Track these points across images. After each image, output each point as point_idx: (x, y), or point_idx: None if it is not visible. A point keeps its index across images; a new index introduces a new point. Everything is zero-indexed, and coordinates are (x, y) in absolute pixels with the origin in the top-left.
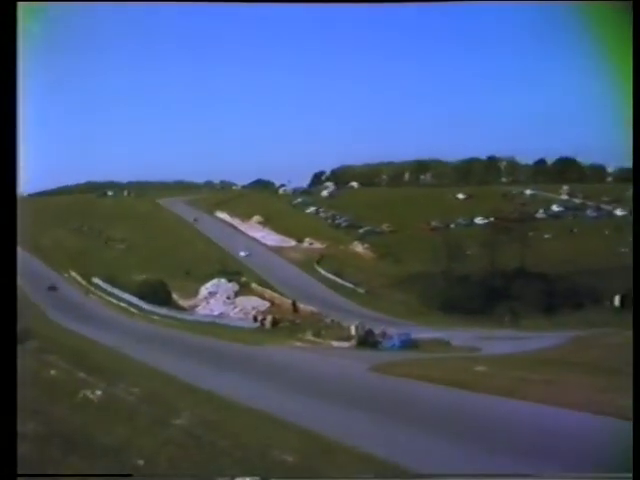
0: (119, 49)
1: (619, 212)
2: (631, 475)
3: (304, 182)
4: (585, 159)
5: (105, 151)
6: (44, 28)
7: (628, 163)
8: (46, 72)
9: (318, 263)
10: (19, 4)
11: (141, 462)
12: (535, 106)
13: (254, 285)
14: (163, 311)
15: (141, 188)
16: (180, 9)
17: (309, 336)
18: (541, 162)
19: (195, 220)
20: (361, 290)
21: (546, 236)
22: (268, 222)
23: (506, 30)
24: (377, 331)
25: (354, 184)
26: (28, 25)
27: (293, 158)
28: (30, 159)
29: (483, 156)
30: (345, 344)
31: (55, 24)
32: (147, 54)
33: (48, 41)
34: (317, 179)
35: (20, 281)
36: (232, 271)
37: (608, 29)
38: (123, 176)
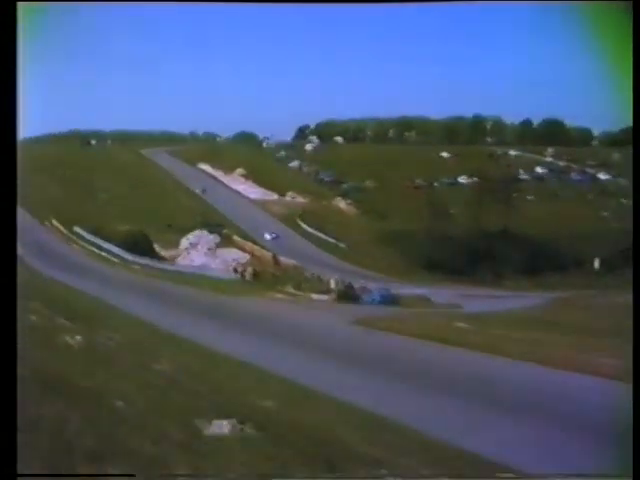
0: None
1: (603, 176)
2: (631, 475)
3: (288, 136)
4: (571, 122)
5: (90, 99)
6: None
7: (614, 127)
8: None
9: (300, 217)
10: (19, 4)
11: (120, 404)
12: (523, 68)
13: (235, 237)
14: (144, 261)
15: (125, 137)
16: None
17: (289, 288)
18: (527, 123)
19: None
20: (343, 245)
21: (529, 198)
22: (251, 175)
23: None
24: (357, 286)
25: (338, 139)
26: (28, 25)
27: (278, 111)
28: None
29: (469, 115)
30: (325, 297)
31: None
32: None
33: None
34: (301, 133)
35: None
36: (214, 223)
37: (608, 29)
38: (107, 125)
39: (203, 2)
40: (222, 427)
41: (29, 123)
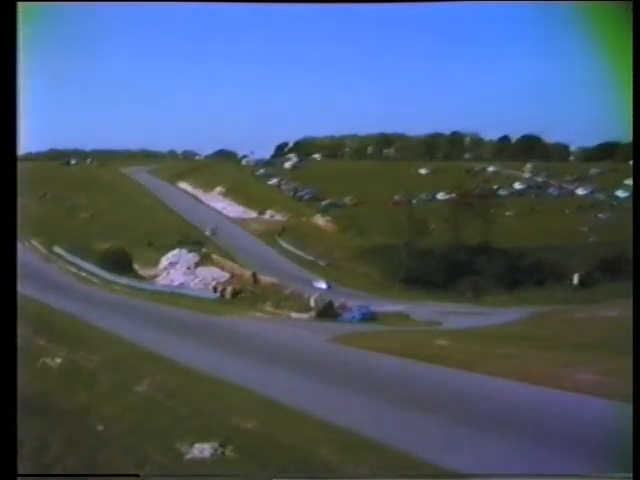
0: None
1: (581, 191)
2: (631, 475)
3: (267, 153)
4: (549, 137)
5: (69, 119)
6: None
7: (591, 142)
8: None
9: (279, 235)
10: (19, 4)
11: (101, 427)
12: (501, 83)
13: (215, 256)
14: (124, 280)
15: (105, 156)
16: None
17: (269, 307)
18: (505, 139)
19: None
20: (322, 263)
21: (508, 213)
22: (230, 193)
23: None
24: (337, 303)
25: (317, 156)
26: (28, 25)
27: (256, 129)
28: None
29: (447, 131)
30: (304, 315)
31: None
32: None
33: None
34: (280, 150)
35: None
36: (193, 241)
37: (608, 29)
38: (87, 144)
39: (181, 6)
40: (203, 451)
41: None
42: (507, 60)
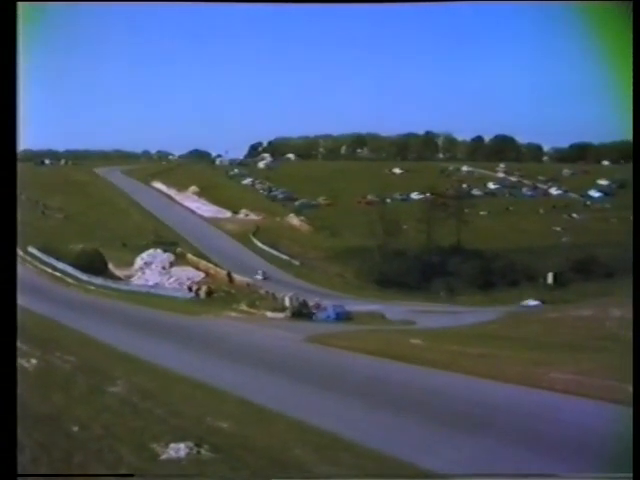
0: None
1: (554, 191)
2: (631, 475)
3: (241, 153)
4: (522, 138)
5: (42, 119)
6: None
7: (564, 143)
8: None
9: (254, 235)
10: (19, 4)
11: (76, 429)
12: (473, 83)
13: (189, 256)
14: (99, 281)
15: (78, 157)
16: None
17: (244, 307)
18: (478, 139)
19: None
20: (296, 262)
21: (482, 213)
22: (204, 193)
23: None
24: (311, 303)
25: (291, 156)
26: (28, 25)
27: (230, 129)
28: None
29: (421, 131)
30: (279, 315)
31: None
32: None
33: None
34: (254, 150)
35: None
36: (168, 241)
37: (608, 29)
38: (60, 144)
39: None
40: (179, 451)
41: None
42: (483, 60)
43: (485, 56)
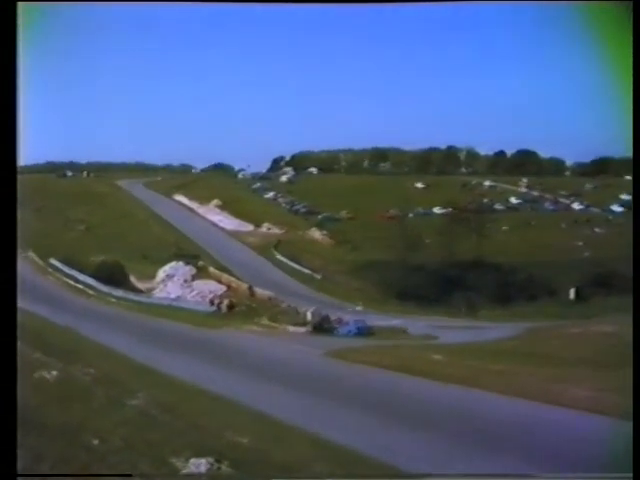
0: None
1: (576, 206)
2: (631, 475)
3: (263, 167)
4: (544, 152)
5: (64, 131)
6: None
7: (586, 158)
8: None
9: (275, 248)
10: (19, 4)
11: (96, 442)
12: (497, 98)
13: (211, 269)
14: (120, 293)
15: (100, 169)
16: None
17: (265, 321)
18: (500, 153)
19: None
20: (318, 276)
21: (504, 228)
22: (226, 206)
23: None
24: (333, 317)
25: (313, 170)
26: (28, 25)
27: (252, 143)
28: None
29: (443, 146)
30: (301, 329)
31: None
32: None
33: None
34: (276, 164)
35: None
36: (189, 254)
37: (608, 29)
38: (82, 156)
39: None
40: (199, 466)
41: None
42: (504, 74)
43: (507, 71)
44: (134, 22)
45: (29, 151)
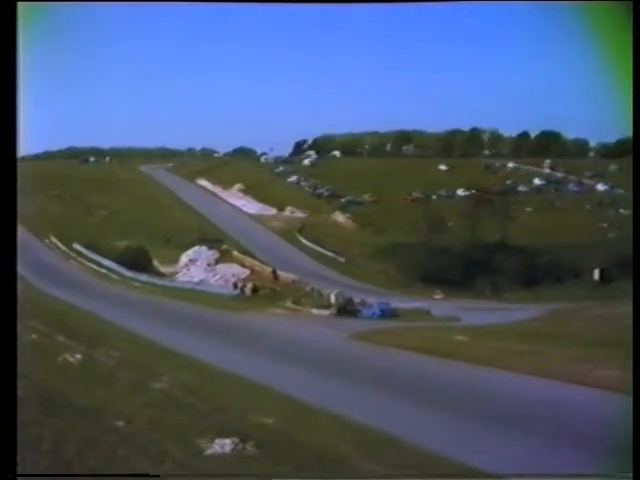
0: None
1: (601, 187)
2: (631, 475)
3: (286, 151)
4: (568, 133)
5: (87, 116)
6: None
7: (610, 139)
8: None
9: (299, 232)
10: (19, 4)
11: (120, 423)
12: (519, 79)
13: (235, 253)
14: (143, 277)
15: (123, 154)
16: None
17: (289, 304)
18: (524, 135)
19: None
20: (341, 259)
21: (528, 209)
22: (249, 190)
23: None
24: (357, 300)
25: (336, 153)
26: (28, 25)
27: (275, 126)
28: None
29: (466, 128)
30: (325, 312)
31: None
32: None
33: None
34: (299, 148)
35: None
36: (213, 239)
37: (608, 29)
38: (105, 142)
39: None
40: (224, 446)
41: (27, 140)
42: (525, 57)
43: (529, 52)
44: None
45: (51, 137)
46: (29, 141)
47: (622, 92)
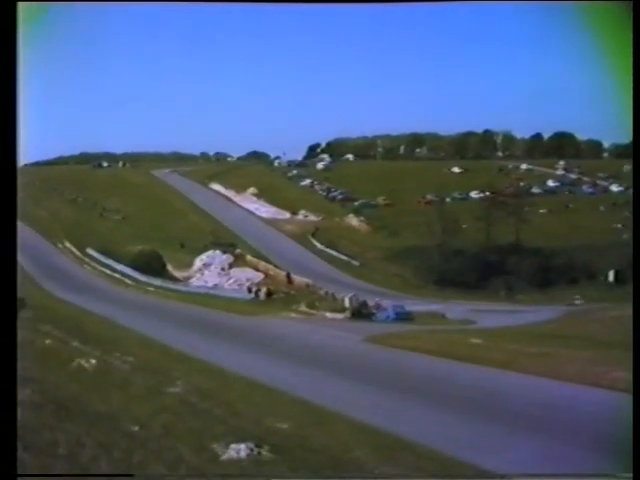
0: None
1: (615, 188)
2: (631, 475)
3: (299, 154)
4: (581, 134)
5: (100, 122)
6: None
7: (624, 139)
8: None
9: (313, 235)
10: (19, 4)
11: (136, 428)
12: (531, 80)
13: (249, 257)
14: (157, 282)
15: (136, 159)
16: None
17: (303, 307)
18: (537, 137)
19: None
20: (356, 263)
21: (541, 211)
22: (263, 194)
23: (507, 27)
24: (371, 303)
25: (349, 157)
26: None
27: (288, 130)
28: (26, 130)
29: (479, 130)
30: (339, 315)
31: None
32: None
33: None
34: (312, 151)
35: None
36: (226, 243)
37: (608, 29)
38: (118, 147)
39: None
40: (239, 451)
41: (38, 146)
42: (537, 59)
43: (540, 54)
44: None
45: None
46: (42, 147)
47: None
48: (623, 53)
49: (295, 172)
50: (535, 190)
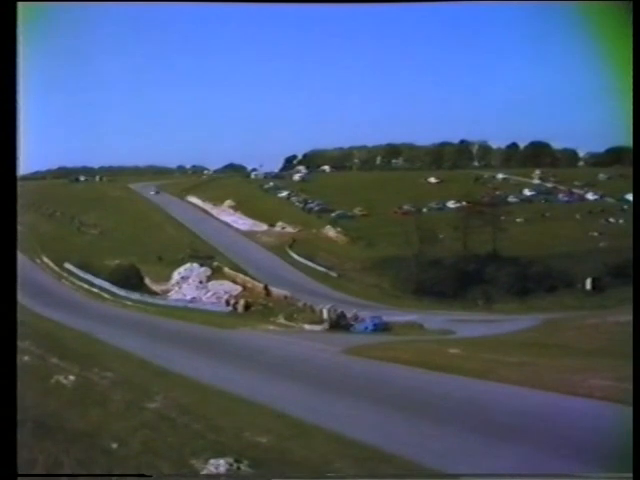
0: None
1: (590, 196)
2: (631, 475)
3: (276, 166)
4: (557, 143)
5: (77, 136)
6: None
7: (599, 148)
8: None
9: (290, 247)
10: (19, 4)
11: (115, 445)
12: (507, 91)
13: (226, 269)
14: (136, 296)
15: (113, 173)
16: None
17: (281, 319)
18: (513, 146)
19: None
20: (333, 274)
21: (518, 220)
22: (240, 206)
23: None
24: (349, 314)
25: (326, 168)
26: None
27: (264, 142)
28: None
29: (455, 140)
30: (317, 327)
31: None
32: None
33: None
34: (289, 163)
35: None
36: (204, 255)
37: (608, 29)
38: (95, 161)
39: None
40: (218, 466)
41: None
42: (512, 67)
43: (515, 63)
44: (136, 22)
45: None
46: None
47: (622, 93)
48: (623, 53)
49: (272, 184)
50: (511, 199)
